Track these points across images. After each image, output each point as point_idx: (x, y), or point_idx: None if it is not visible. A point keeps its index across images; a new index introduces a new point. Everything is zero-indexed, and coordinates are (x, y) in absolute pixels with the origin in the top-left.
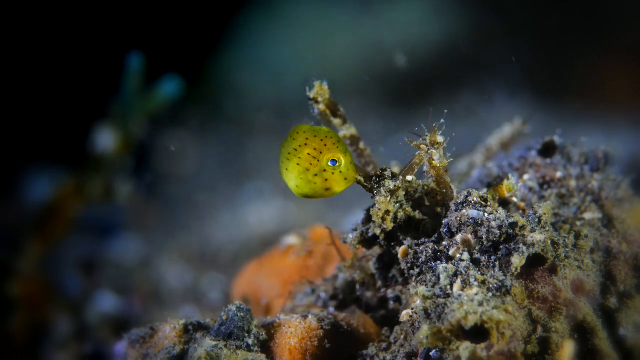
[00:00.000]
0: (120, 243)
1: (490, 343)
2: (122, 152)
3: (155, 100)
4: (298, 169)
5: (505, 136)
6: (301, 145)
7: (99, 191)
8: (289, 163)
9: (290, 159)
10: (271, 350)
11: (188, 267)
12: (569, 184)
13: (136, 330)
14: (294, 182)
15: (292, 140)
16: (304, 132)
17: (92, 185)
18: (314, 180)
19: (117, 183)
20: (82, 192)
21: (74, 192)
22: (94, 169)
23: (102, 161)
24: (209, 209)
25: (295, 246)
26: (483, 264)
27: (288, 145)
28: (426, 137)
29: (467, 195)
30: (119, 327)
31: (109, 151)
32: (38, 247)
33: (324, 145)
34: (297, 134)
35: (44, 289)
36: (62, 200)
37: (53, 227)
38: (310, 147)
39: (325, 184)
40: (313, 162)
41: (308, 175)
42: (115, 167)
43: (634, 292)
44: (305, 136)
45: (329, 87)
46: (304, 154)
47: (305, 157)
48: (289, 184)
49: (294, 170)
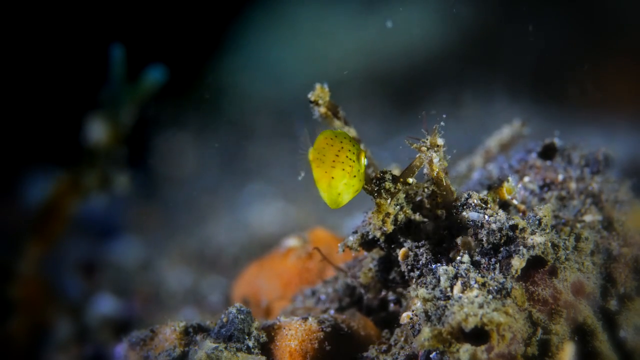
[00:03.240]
0: (120, 245)
1: (491, 345)
2: (115, 143)
3: (142, 88)
4: (343, 174)
5: (504, 138)
6: (341, 149)
7: (95, 184)
8: (334, 171)
9: (336, 166)
10: (271, 353)
11: (188, 269)
12: (569, 186)
13: (136, 332)
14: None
15: (329, 147)
16: (336, 136)
17: (88, 179)
18: (353, 183)
19: (113, 174)
20: (79, 187)
21: (70, 188)
22: (89, 162)
23: (95, 153)
24: (209, 211)
25: (295, 249)
26: (483, 266)
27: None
28: (426, 139)
29: (467, 197)
30: (119, 330)
31: (102, 142)
32: (37, 247)
33: (353, 145)
34: (332, 139)
35: (44, 290)
36: (59, 198)
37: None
38: (347, 150)
39: (359, 184)
40: (353, 165)
41: (349, 178)
42: (109, 157)
43: (634, 294)
44: (338, 140)
45: (330, 89)
46: (343, 158)
47: (347, 161)
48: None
49: (340, 177)
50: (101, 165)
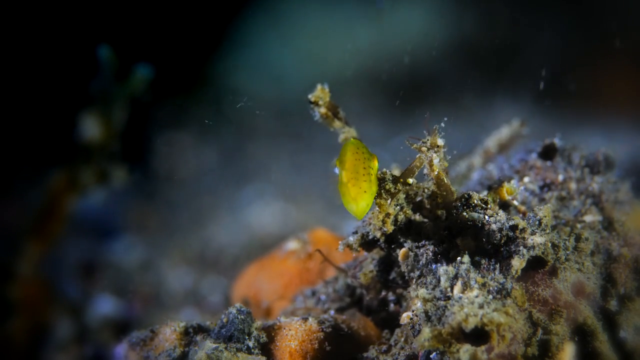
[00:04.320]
0: (120, 245)
1: (491, 345)
2: (109, 138)
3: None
4: (370, 185)
5: (503, 138)
6: (365, 160)
7: (92, 180)
8: (365, 184)
9: (366, 181)
10: (271, 353)
11: (188, 270)
12: (569, 187)
13: (136, 332)
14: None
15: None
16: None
17: (84, 175)
18: (374, 189)
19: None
20: (76, 184)
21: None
22: (84, 158)
23: (90, 150)
24: (209, 211)
25: (295, 252)
26: (483, 267)
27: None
28: (426, 140)
29: (468, 197)
30: (119, 330)
31: (96, 138)
32: (37, 247)
33: (368, 151)
34: (357, 153)
35: (44, 291)
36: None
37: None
38: (365, 159)
39: (374, 191)
40: (372, 172)
41: (374, 186)
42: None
43: (634, 294)
44: (361, 151)
45: (330, 89)
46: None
47: (368, 170)
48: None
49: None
50: (97, 161)
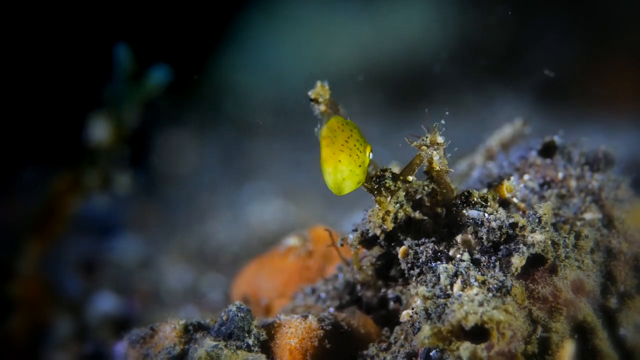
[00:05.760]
0: (120, 243)
1: (491, 343)
2: (117, 142)
3: (146, 88)
4: (350, 160)
5: (506, 137)
6: (350, 137)
7: (96, 183)
8: (342, 154)
9: (344, 150)
10: (271, 351)
11: (188, 267)
12: (569, 184)
13: (136, 330)
14: (344, 174)
15: (340, 132)
16: (347, 124)
17: (89, 178)
18: (357, 172)
19: (115, 173)
20: (80, 186)
21: (70, 186)
22: (90, 161)
23: (97, 153)
24: (209, 209)
25: (295, 248)
26: (483, 264)
27: (338, 136)
28: (426, 137)
29: (467, 195)
30: (119, 327)
31: (104, 142)
32: (37, 246)
33: (361, 136)
34: (343, 125)
35: (44, 289)
36: (59, 196)
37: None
38: (355, 139)
39: (362, 177)
40: (359, 155)
41: (355, 166)
42: (111, 157)
43: (634, 292)
44: (349, 127)
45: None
46: (351, 145)
47: (354, 149)
48: (336, 177)
49: (346, 162)
50: (103, 165)
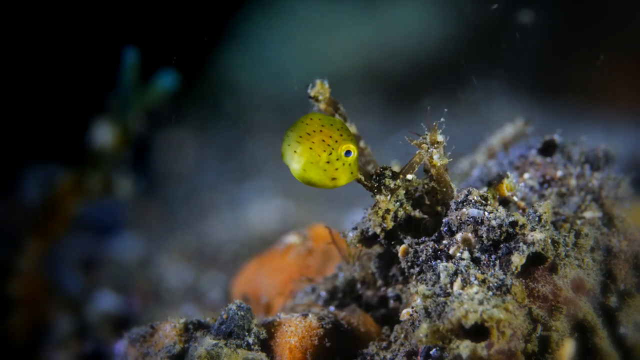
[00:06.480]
0: (120, 241)
1: (491, 342)
2: (121, 147)
3: (153, 94)
4: (310, 153)
5: (507, 136)
6: (315, 131)
7: (98, 187)
8: (300, 146)
9: (302, 142)
10: (271, 349)
11: (188, 266)
12: (569, 183)
13: (136, 329)
14: (301, 165)
15: (304, 125)
16: (319, 120)
17: (91, 181)
18: (325, 167)
19: (117, 178)
20: (82, 188)
21: (73, 188)
22: (93, 164)
23: (100, 156)
24: (209, 207)
25: (295, 245)
26: (483, 263)
27: (299, 129)
28: (426, 136)
29: (467, 193)
30: (119, 326)
31: (108, 146)
32: (38, 245)
33: (340, 135)
34: (310, 120)
35: (44, 287)
36: (61, 198)
37: (52, 225)
38: (325, 135)
39: (334, 173)
40: (327, 150)
41: (320, 161)
42: (114, 161)
43: (634, 290)
44: (320, 123)
45: (330, 85)
46: (317, 139)
47: (318, 143)
48: (293, 166)
49: (305, 154)
50: (105, 169)
